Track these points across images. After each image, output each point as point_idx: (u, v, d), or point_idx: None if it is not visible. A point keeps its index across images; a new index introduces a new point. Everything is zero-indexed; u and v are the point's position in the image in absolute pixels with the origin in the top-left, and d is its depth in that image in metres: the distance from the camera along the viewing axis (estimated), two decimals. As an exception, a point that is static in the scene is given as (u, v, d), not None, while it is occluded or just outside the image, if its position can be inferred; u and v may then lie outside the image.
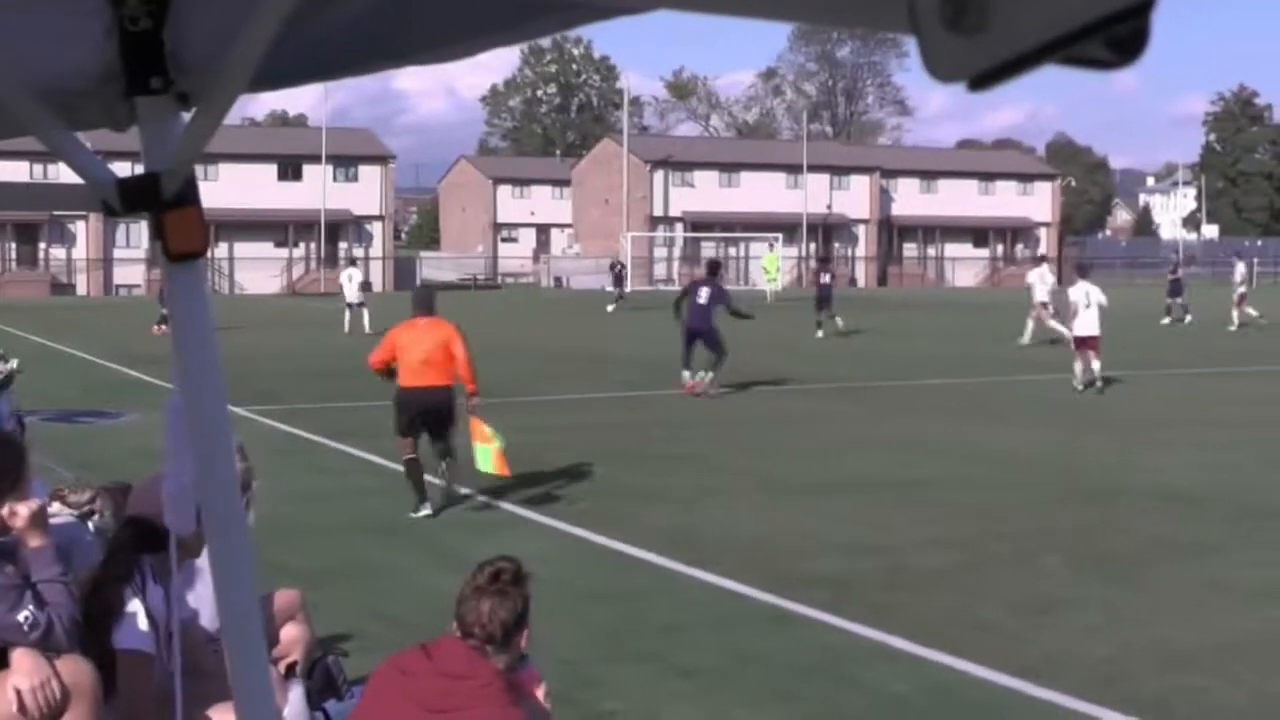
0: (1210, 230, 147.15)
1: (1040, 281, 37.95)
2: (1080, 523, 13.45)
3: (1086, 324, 25.35)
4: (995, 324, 42.55)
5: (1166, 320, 47.35)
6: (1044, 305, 37.43)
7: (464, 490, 14.42)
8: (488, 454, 13.34)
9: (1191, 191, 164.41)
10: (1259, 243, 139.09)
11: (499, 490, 14.54)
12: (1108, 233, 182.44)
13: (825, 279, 41.48)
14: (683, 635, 9.58)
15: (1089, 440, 19.27)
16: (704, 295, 24.74)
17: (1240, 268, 47.66)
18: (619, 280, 61.70)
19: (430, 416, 13.79)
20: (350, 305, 41.56)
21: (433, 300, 14.53)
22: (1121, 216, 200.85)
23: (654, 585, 10.98)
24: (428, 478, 13.81)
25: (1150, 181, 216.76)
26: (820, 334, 39.57)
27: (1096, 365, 25.24)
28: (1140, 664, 8.93)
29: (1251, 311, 44.40)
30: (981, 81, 1.04)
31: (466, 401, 13.77)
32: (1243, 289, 45.68)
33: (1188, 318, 47.17)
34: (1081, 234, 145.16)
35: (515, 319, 35.73)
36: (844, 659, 9.12)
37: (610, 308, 55.53)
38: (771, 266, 68.34)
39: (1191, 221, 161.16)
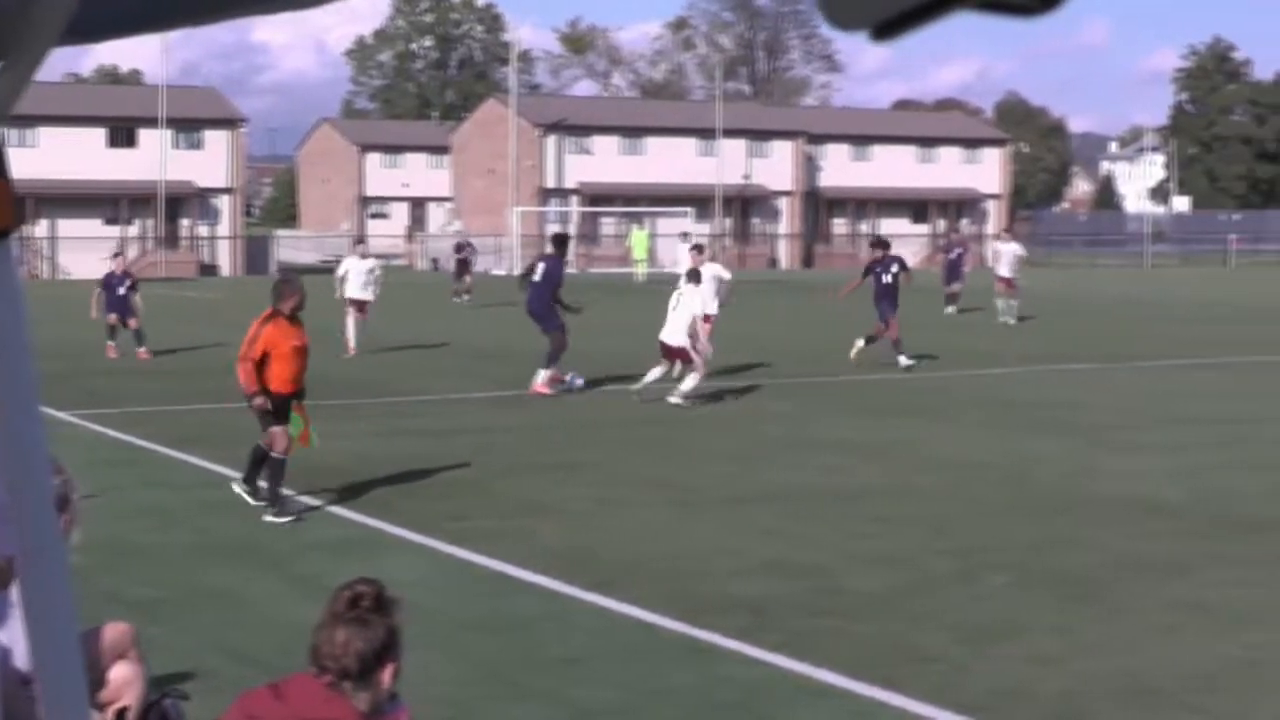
0: (1181, 203, 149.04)
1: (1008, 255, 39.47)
2: (1035, 537, 13.59)
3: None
4: (936, 309, 42.85)
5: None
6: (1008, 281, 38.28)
7: (316, 502, 14.44)
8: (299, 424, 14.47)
9: (1160, 159, 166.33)
10: (1235, 216, 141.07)
11: (367, 505, 14.49)
12: (1065, 205, 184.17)
13: (954, 254, 43.90)
14: (581, 669, 9.59)
15: (1045, 443, 19.47)
16: (539, 273, 25.27)
17: (1012, 248, 43.14)
18: (464, 268, 52.40)
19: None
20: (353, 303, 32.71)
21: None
22: (1081, 187, 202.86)
23: (547, 613, 10.98)
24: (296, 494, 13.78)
25: (1114, 147, 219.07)
26: (951, 309, 43.46)
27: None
28: (1101, 699, 9.03)
29: (1000, 305, 41.59)
30: (886, 30, 1.04)
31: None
32: (1006, 274, 41.53)
33: None
34: (1035, 207, 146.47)
35: (386, 306, 35.49)
36: (764, 695, 9.16)
37: (460, 300, 50.52)
38: (640, 246, 68.65)
39: (1160, 193, 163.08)
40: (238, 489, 14.60)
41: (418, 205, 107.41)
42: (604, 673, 9.53)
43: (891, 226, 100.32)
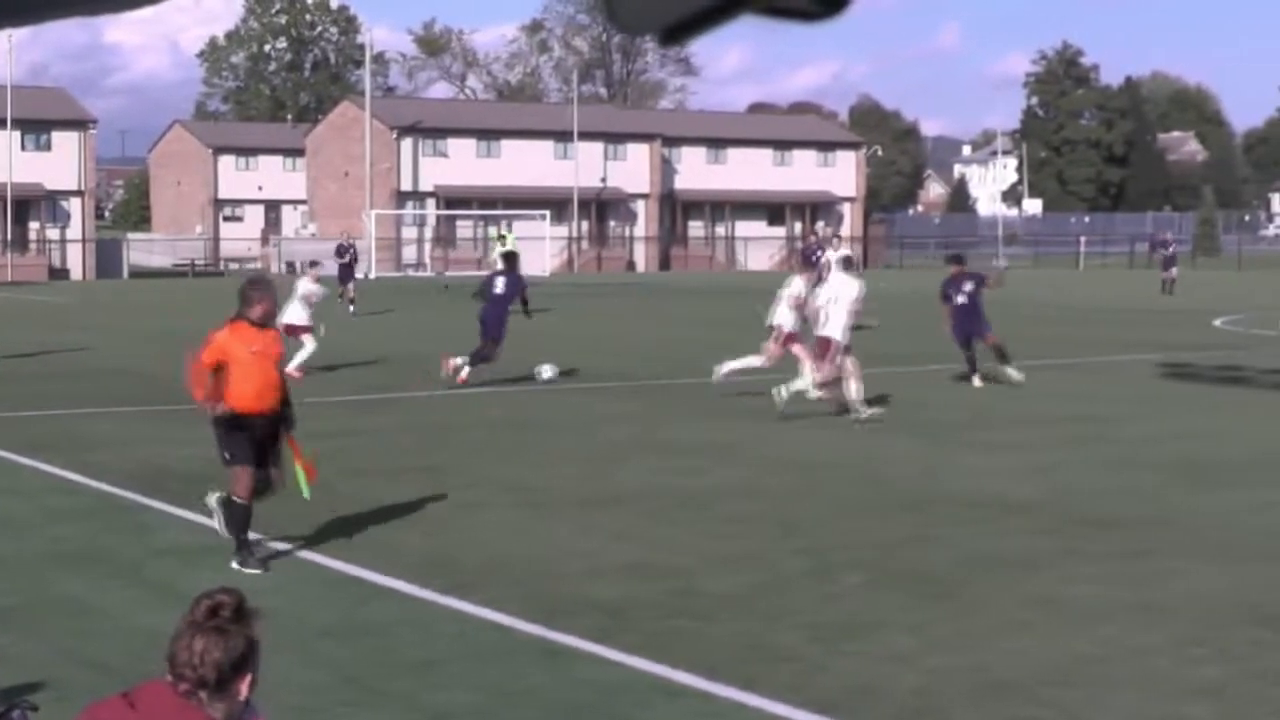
0: (1033, 205, 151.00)
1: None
2: (887, 535, 13.71)
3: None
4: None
5: None
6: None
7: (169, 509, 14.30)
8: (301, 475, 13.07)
9: (1012, 162, 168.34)
10: (1085, 219, 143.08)
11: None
12: (919, 208, 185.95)
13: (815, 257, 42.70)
14: (436, 673, 9.57)
15: (898, 443, 19.65)
16: (500, 286, 26.40)
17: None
18: (348, 272, 50.06)
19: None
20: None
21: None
22: (934, 190, 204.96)
23: (404, 618, 10.94)
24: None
25: (966, 151, 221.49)
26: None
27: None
28: (955, 694, 9.13)
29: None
30: (674, 33, 1.05)
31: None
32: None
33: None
34: (889, 209, 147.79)
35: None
36: (620, 696, 9.18)
37: (348, 306, 47.93)
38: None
39: (1012, 195, 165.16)
40: (234, 564, 12.28)
41: (272, 208, 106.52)
42: (460, 676, 9.51)
43: (747, 229, 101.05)
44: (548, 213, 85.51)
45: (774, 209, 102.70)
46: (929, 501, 15.40)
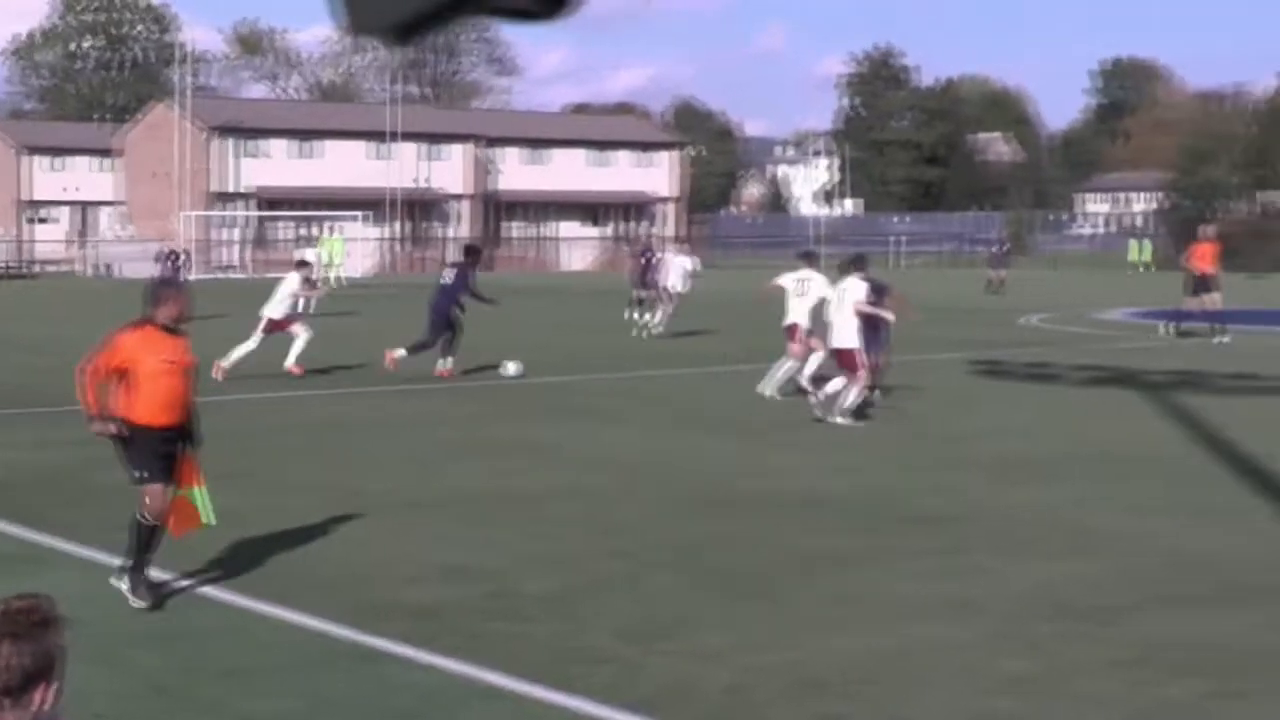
0: (850, 205, 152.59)
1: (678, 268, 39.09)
2: (704, 534, 13.81)
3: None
4: (615, 312, 43.18)
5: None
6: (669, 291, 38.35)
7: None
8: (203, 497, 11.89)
9: (830, 162, 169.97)
10: (899, 219, 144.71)
11: (23, 517, 14.11)
12: (742, 208, 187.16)
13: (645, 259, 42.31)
14: (249, 680, 9.48)
15: (713, 442, 19.79)
16: (449, 277, 27.91)
17: (682, 261, 40.90)
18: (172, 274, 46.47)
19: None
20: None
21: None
22: (753, 190, 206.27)
23: (217, 625, 10.82)
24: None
25: (785, 151, 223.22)
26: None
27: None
28: (768, 691, 9.22)
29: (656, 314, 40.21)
30: (404, 33, 1.06)
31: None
32: (671, 285, 39.55)
33: None
34: (708, 209, 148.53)
35: (50, 315, 34.59)
36: (436, 700, 9.17)
37: None
38: (338, 251, 68.01)
39: (830, 195, 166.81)
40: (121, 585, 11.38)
41: (84, 210, 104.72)
42: (275, 683, 9.44)
43: (567, 229, 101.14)
44: (369, 214, 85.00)
45: (593, 209, 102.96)
46: (744, 500, 15.53)
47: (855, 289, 22.03)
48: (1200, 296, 37.31)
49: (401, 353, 26.85)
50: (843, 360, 21.66)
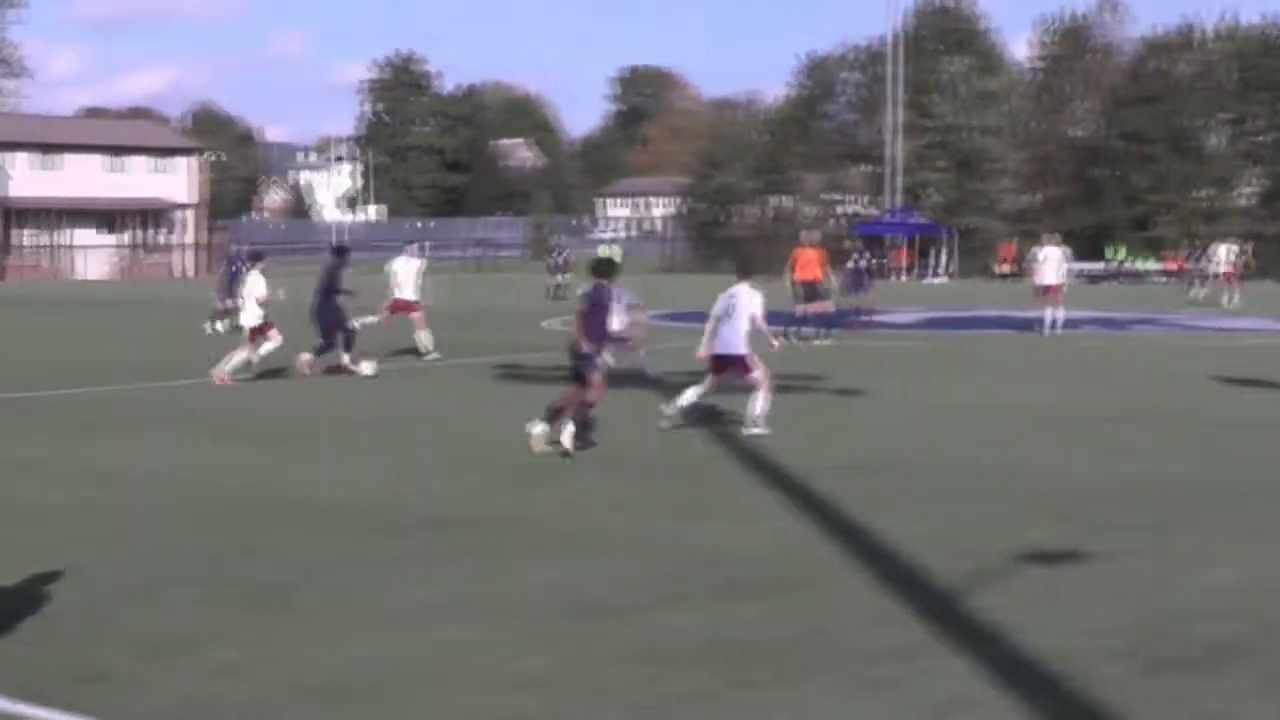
0: (374, 211, 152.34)
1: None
2: (222, 546, 13.52)
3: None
4: (135, 321, 42.19)
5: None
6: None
7: None
8: None
9: (354, 168, 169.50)
10: (429, 224, 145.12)
11: None
12: (265, 214, 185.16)
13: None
14: None
15: (233, 452, 19.47)
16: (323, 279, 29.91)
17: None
18: None
19: None
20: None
21: None
22: (276, 196, 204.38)
23: None
24: None
25: (308, 156, 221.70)
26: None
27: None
28: (287, 702, 9.05)
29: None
30: None
31: None
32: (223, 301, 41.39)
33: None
34: (230, 215, 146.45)
35: None
36: (-68, 729, 8.74)
37: None
38: None
39: (353, 201, 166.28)
40: None
41: None
42: None
43: (82, 237, 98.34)
44: None
45: (109, 216, 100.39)
46: (264, 510, 15.29)
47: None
48: (812, 303, 38.59)
49: (308, 356, 28.92)
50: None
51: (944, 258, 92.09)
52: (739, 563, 12.88)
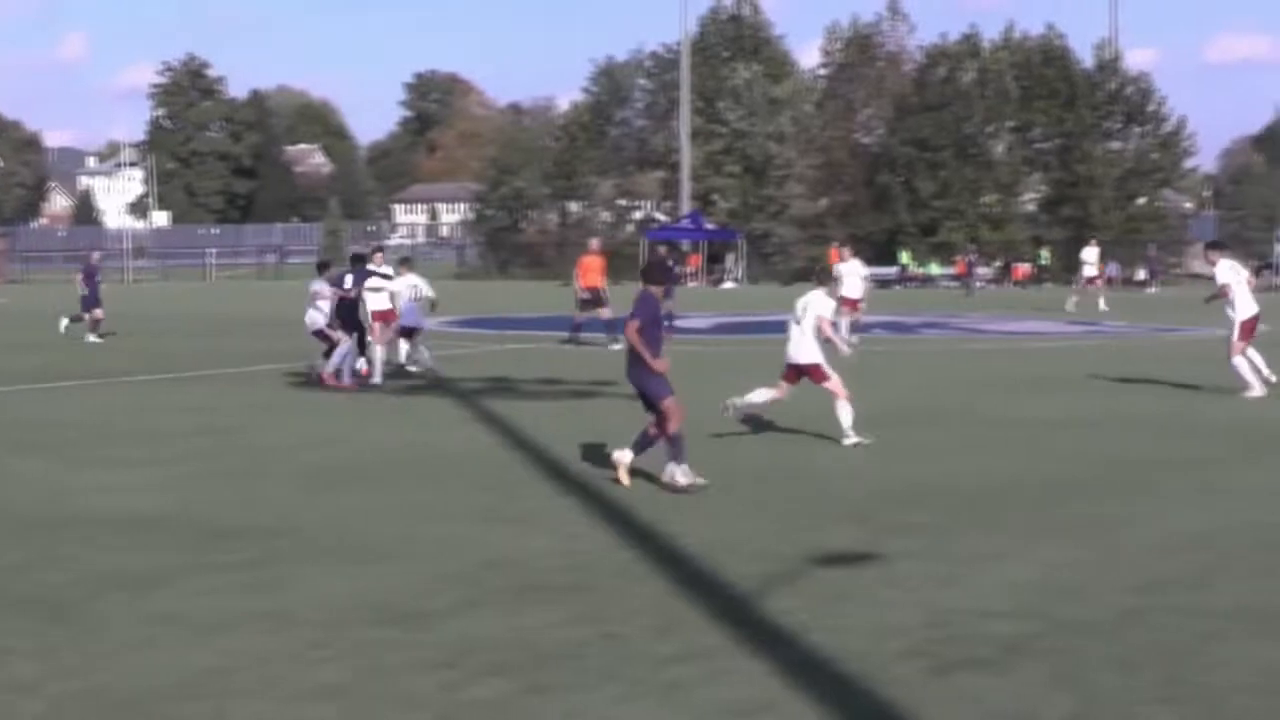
0: (161, 217, 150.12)
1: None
2: (10, 559, 13.29)
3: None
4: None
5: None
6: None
7: None
8: None
9: (139, 174, 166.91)
10: (215, 230, 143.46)
11: None
12: (44, 221, 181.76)
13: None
14: None
15: (22, 463, 19.14)
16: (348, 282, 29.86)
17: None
18: None
19: None
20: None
21: None
22: (60, 202, 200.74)
23: None
24: None
25: (93, 162, 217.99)
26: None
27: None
28: (80, 717, 8.97)
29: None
30: None
31: None
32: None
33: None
34: (14, 222, 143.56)
35: None
36: None
37: None
38: None
39: (140, 208, 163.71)
40: None
41: None
42: None
43: None
44: None
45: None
46: (53, 522, 15.04)
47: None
48: (593, 310, 38.95)
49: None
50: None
51: (736, 263, 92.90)
52: (534, 568, 12.94)
